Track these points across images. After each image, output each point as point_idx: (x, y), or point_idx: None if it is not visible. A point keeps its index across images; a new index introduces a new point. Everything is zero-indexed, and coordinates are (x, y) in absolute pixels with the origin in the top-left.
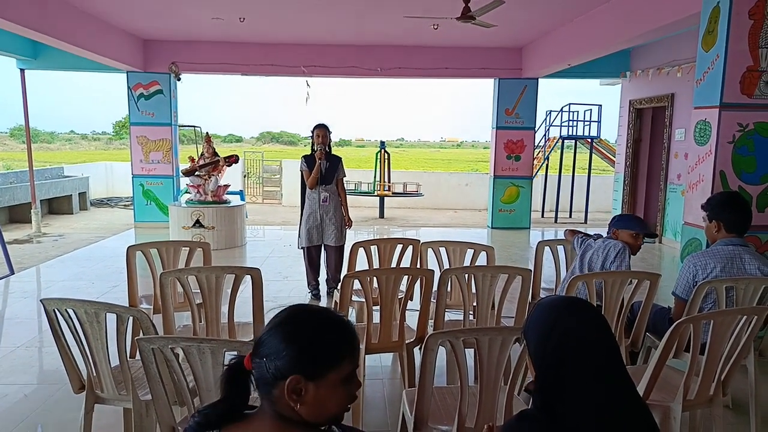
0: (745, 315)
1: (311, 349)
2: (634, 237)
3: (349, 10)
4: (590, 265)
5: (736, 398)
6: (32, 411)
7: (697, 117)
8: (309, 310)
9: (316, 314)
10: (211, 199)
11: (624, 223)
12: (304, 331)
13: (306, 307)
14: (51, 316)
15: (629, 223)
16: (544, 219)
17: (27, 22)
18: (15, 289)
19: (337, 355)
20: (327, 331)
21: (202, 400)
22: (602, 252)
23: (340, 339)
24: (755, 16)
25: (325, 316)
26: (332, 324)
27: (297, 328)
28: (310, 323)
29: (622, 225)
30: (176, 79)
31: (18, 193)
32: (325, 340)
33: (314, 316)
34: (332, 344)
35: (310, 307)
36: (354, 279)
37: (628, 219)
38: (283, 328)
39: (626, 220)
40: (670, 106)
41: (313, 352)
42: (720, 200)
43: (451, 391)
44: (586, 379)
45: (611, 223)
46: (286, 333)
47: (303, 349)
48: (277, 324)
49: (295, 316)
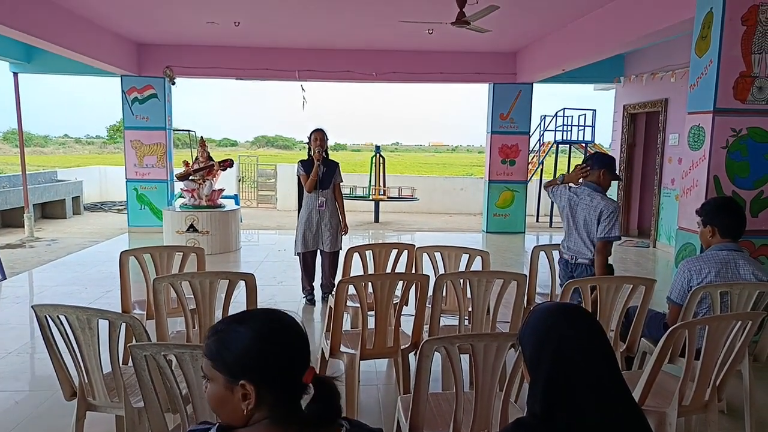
0: (740, 320)
1: (253, 347)
2: (602, 177)
3: (344, 15)
4: (586, 224)
5: (731, 403)
6: (23, 418)
7: (690, 122)
8: (267, 314)
9: (271, 311)
10: (205, 203)
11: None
12: (288, 334)
13: (266, 310)
14: (42, 322)
15: (600, 162)
16: (538, 224)
17: (20, 26)
18: (7, 294)
19: (279, 358)
20: (283, 327)
21: (195, 408)
22: (594, 210)
23: (288, 338)
24: (748, 22)
25: (278, 313)
26: (277, 333)
27: (286, 335)
28: (281, 329)
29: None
30: (171, 83)
31: (11, 197)
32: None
33: (270, 312)
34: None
35: (272, 312)
36: (349, 284)
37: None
38: (233, 326)
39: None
40: (664, 111)
41: (253, 348)
42: (714, 205)
43: (446, 397)
44: (582, 386)
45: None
46: (288, 345)
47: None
48: (233, 320)
49: (255, 314)
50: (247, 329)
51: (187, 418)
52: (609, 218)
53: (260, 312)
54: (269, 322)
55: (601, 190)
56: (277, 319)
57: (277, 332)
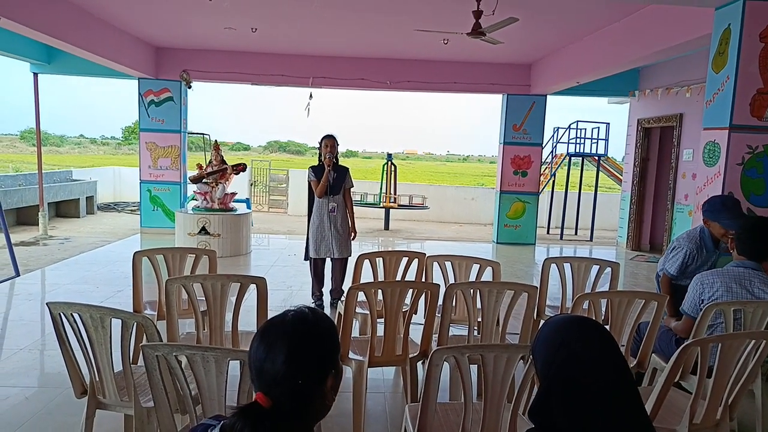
0: (753, 339)
1: (324, 348)
2: (723, 232)
3: (360, 23)
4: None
5: (743, 423)
6: (33, 414)
7: (706, 138)
8: (290, 322)
9: (298, 320)
10: (217, 206)
11: (713, 213)
12: (310, 340)
13: (280, 320)
14: (56, 319)
15: (718, 214)
16: (549, 235)
17: (42, 27)
18: (20, 291)
19: (336, 337)
20: (319, 326)
21: (205, 409)
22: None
23: (330, 325)
24: (766, 39)
25: (302, 316)
26: (316, 318)
27: (302, 341)
28: (302, 330)
29: (712, 216)
30: (187, 87)
31: (26, 196)
32: (324, 335)
33: (299, 322)
34: (332, 333)
35: (281, 319)
36: (359, 291)
37: (717, 206)
38: (293, 350)
39: (714, 208)
40: (679, 126)
41: (325, 350)
42: (743, 225)
43: (453, 407)
44: (594, 399)
45: (703, 210)
46: (301, 351)
47: (325, 351)
48: (289, 350)
49: (286, 332)
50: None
51: (196, 419)
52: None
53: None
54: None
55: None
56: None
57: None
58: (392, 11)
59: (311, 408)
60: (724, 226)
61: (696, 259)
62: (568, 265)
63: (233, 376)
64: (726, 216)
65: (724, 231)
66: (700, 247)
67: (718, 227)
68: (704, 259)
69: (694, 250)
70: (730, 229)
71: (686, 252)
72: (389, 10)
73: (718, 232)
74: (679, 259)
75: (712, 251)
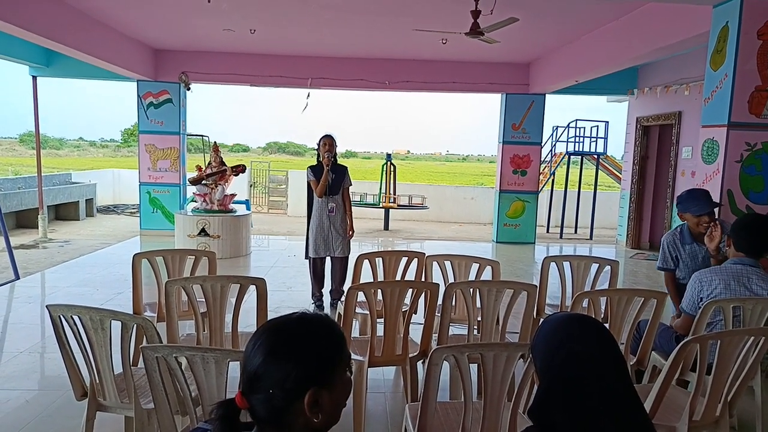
0: (752, 336)
1: (315, 358)
2: (696, 221)
3: (358, 24)
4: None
5: (743, 420)
6: (34, 417)
7: (704, 135)
8: (287, 323)
9: (296, 323)
10: (217, 208)
11: (683, 204)
12: (300, 345)
13: (279, 321)
14: (56, 322)
15: (687, 204)
16: (549, 234)
17: (41, 30)
18: (20, 294)
19: (335, 352)
20: (317, 334)
21: (205, 410)
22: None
23: (331, 335)
24: (764, 37)
25: (305, 321)
26: (317, 325)
27: (291, 345)
28: (299, 334)
29: (683, 207)
30: (186, 89)
31: (26, 199)
32: (321, 344)
33: (298, 326)
34: (328, 344)
35: (283, 319)
36: (358, 291)
37: (684, 197)
38: (277, 351)
39: (682, 199)
40: (677, 124)
41: (317, 360)
42: (740, 221)
43: (454, 406)
44: (593, 397)
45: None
46: (284, 354)
47: (308, 362)
48: (268, 351)
49: (280, 334)
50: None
51: (197, 421)
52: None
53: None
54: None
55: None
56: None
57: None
58: (391, 11)
59: (286, 422)
60: (694, 213)
61: (678, 247)
62: (568, 263)
63: (233, 377)
64: (694, 204)
65: (697, 219)
66: (681, 236)
67: (690, 216)
68: (694, 253)
69: (671, 238)
70: (701, 214)
71: (665, 243)
72: (388, 11)
73: (692, 222)
74: (662, 251)
75: (693, 242)
